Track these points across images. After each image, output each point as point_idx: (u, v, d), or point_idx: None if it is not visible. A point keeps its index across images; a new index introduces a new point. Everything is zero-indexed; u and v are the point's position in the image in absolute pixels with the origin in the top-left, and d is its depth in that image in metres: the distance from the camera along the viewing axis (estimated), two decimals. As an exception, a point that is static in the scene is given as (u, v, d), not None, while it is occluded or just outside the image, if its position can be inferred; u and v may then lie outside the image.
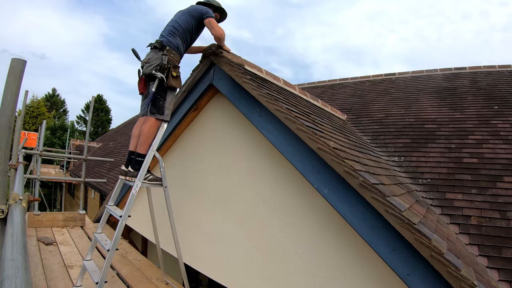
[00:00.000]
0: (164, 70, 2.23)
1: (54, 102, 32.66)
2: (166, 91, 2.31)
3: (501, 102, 4.37)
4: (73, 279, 2.55)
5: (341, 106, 5.66)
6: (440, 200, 2.90)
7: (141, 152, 2.36)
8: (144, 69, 2.29)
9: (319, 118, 2.92)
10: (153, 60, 2.27)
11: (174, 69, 2.29)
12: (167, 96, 2.33)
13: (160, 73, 2.22)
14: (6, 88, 1.36)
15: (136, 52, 2.38)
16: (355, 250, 1.77)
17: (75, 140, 17.65)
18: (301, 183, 2.03)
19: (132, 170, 2.36)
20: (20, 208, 1.49)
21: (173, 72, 2.27)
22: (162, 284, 2.75)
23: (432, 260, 1.31)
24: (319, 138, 1.85)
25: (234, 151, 2.57)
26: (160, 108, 2.31)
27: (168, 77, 2.25)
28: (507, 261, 2.26)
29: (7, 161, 1.48)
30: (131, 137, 2.49)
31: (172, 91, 2.36)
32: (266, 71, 3.23)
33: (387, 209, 1.45)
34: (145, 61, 2.31)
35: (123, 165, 2.47)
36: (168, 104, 2.35)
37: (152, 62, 2.26)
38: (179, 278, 3.04)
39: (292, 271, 2.04)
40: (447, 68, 6.27)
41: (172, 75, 2.26)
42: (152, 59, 2.28)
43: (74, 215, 4.27)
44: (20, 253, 1.02)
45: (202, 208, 2.77)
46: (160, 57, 2.26)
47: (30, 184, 10.99)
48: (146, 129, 2.33)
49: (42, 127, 6.22)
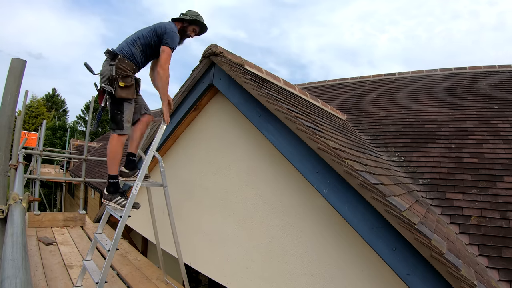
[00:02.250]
0: (113, 82, 2.12)
1: (54, 102, 32.63)
2: (122, 103, 2.18)
3: (501, 102, 4.37)
4: (73, 279, 2.55)
5: (341, 106, 5.66)
6: (440, 200, 2.90)
7: (111, 173, 2.26)
8: (99, 82, 2.20)
9: (319, 118, 2.92)
10: (104, 72, 2.17)
11: (123, 79, 2.14)
12: (124, 108, 2.19)
13: (109, 86, 2.11)
14: (6, 88, 1.36)
15: (88, 66, 2.22)
16: (355, 250, 1.77)
17: (75, 140, 17.67)
18: (301, 183, 2.03)
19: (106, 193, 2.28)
20: (20, 208, 1.49)
21: (121, 83, 2.13)
22: (162, 284, 2.75)
23: (432, 260, 1.31)
24: (319, 138, 1.85)
25: (234, 151, 2.57)
26: (119, 122, 2.19)
27: (116, 89, 2.12)
28: (507, 261, 2.26)
29: (7, 161, 1.48)
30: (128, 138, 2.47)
31: (128, 102, 2.22)
32: (266, 71, 3.23)
33: (387, 209, 1.45)
34: (100, 73, 2.22)
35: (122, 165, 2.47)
36: (126, 116, 2.21)
37: (104, 74, 2.17)
38: (179, 278, 3.04)
39: (292, 271, 2.04)
40: (447, 68, 6.28)
41: (119, 86, 2.13)
42: (103, 71, 2.18)
43: (74, 215, 4.27)
44: (20, 253, 1.02)
45: (202, 208, 2.77)
46: (110, 69, 2.14)
47: (30, 184, 10.99)
48: (111, 148, 2.22)
49: (42, 127, 6.22)
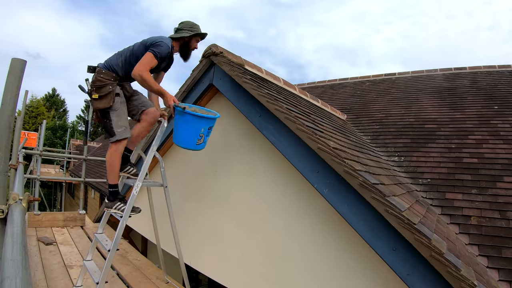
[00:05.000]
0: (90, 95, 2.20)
1: (54, 102, 32.64)
2: (108, 111, 2.22)
3: (501, 102, 4.37)
4: (73, 279, 2.55)
5: (341, 106, 5.66)
6: (440, 200, 2.90)
7: (111, 183, 2.29)
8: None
9: (319, 118, 2.92)
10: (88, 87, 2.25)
11: (97, 91, 2.18)
12: (111, 115, 2.22)
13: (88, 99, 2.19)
14: (6, 88, 1.36)
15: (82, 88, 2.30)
16: (355, 250, 1.77)
17: (75, 140, 17.68)
18: (301, 183, 2.03)
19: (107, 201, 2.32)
20: (20, 208, 1.49)
21: (94, 95, 2.17)
22: (162, 283, 2.75)
23: (432, 260, 1.31)
24: (319, 138, 1.86)
25: (234, 151, 2.57)
26: (110, 130, 2.22)
27: (92, 101, 2.19)
28: (507, 261, 2.26)
29: (7, 161, 1.48)
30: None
31: (113, 110, 2.23)
32: (266, 71, 3.23)
33: (387, 209, 1.45)
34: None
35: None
36: (115, 122, 2.23)
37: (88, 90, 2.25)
38: (179, 278, 3.04)
39: (292, 271, 2.04)
40: (447, 68, 6.28)
41: (93, 98, 2.18)
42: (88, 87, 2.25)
43: (74, 215, 4.27)
44: (20, 253, 1.02)
45: (202, 208, 2.77)
46: (87, 84, 2.23)
47: (30, 184, 10.98)
48: (108, 157, 2.26)
49: (42, 127, 6.21)
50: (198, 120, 2.14)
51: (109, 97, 2.21)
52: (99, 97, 2.18)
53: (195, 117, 2.12)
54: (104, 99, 2.19)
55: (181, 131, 2.19)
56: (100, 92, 2.18)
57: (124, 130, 2.25)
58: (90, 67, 2.25)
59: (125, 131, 2.25)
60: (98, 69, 2.23)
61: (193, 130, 2.15)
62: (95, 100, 2.18)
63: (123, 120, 2.27)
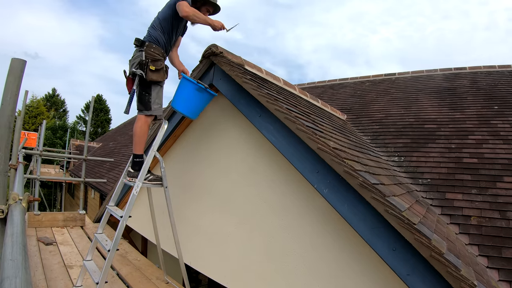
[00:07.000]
0: (143, 66, 2.24)
1: (54, 102, 32.65)
2: (150, 85, 2.31)
3: (501, 102, 4.37)
4: (73, 279, 2.55)
5: (341, 106, 5.66)
6: (440, 200, 2.90)
7: (137, 153, 2.36)
8: (129, 69, 2.34)
9: (319, 118, 2.92)
10: (134, 58, 2.30)
11: (152, 63, 2.27)
12: (152, 90, 2.31)
13: (139, 70, 2.23)
14: (6, 88, 1.36)
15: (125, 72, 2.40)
16: (355, 250, 1.77)
17: (75, 140, 17.65)
18: (301, 183, 2.03)
19: (132, 170, 2.37)
20: (20, 208, 1.49)
21: (151, 66, 2.25)
22: (162, 283, 2.75)
23: (432, 260, 1.31)
24: (319, 138, 1.85)
25: (234, 151, 2.57)
26: (146, 103, 2.31)
27: (147, 72, 2.24)
28: (507, 261, 2.26)
29: (7, 161, 1.48)
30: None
31: (156, 84, 2.34)
32: (266, 71, 3.23)
33: (387, 209, 1.45)
34: (130, 60, 2.36)
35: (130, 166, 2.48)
36: (154, 98, 2.32)
37: (134, 60, 2.30)
38: (179, 278, 3.04)
39: (292, 271, 2.04)
40: (447, 68, 6.28)
41: (150, 69, 2.25)
42: (133, 58, 2.31)
43: (74, 215, 4.27)
44: (20, 253, 1.02)
45: (202, 208, 2.77)
46: (139, 54, 2.28)
47: (30, 184, 10.98)
48: (137, 129, 2.33)
49: (42, 127, 6.22)
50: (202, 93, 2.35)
51: (162, 72, 2.35)
52: (155, 70, 2.28)
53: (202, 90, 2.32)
54: (158, 73, 2.31)
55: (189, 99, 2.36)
56: (155, 65, 2.29)
57: (159, 107, 2.38)
58: (137, 39, 2.34)
59: (159, 109, 2.38)
60: (148, 44, 2.31)
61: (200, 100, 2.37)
62: (151, 71, 2.25)
63: (160, 98, 2.39)
